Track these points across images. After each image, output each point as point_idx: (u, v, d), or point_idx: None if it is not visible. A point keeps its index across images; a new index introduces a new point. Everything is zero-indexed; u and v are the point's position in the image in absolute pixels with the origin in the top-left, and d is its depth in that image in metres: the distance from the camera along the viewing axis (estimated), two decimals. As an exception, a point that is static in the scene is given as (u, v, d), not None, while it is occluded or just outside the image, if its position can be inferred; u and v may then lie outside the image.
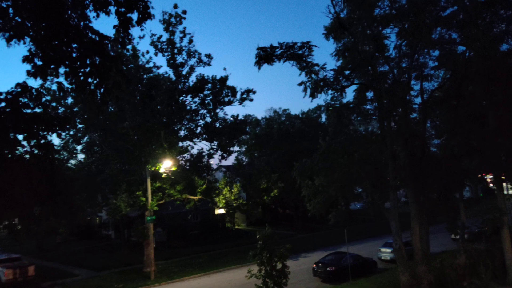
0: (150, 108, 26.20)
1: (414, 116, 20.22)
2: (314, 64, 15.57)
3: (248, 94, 29.15)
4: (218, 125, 29.58)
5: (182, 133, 29.62)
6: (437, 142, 22.46)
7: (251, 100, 29.39)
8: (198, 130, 29.74)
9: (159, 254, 29.14)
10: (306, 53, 15.14)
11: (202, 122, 29.50)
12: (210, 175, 31.40)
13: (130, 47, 25.98)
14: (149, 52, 36.46)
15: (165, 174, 25.80)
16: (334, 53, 17.72)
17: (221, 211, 43.63)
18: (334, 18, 16.44)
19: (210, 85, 28.25)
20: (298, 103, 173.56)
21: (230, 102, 29.03)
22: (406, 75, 18.27)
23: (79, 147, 30.94)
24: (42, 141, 7.35)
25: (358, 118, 21.15)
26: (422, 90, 18.75)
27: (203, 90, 28.25)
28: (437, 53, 18.31)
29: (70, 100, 26.37)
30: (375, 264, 23.76)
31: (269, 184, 31.67)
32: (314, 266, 22.55)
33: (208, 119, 29.41)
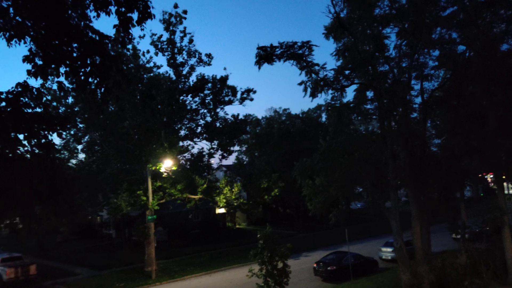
0: (151, 107, 26.24)
1: (414, 116, 20.20)
2: (314, 63, 15.57)
3: (248, 93, 29.20)
4: (218, 124, 29.63)
5: (182, 132, 29.68)
6: (437, 142, 22.43)
7: (252, 99, 29.46)
8: (199, 129, 29.82)
9: (160, 253, 29.17)
10: (306, 52, 15.15)
11: (202, 122, 29.59)
12: (210, 175, 31.43)
13: (130, 47, 26.03)
14: (149, 51, 36.32)
15: (165, 174, 25.83)
16: (334, 53, 17.73)
17: (221, 211, 43.67)
18: (334, 18, 16.45)
19: (210, 84, 28.29)
20: (299, 103, 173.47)
21: (230, 102, 29.07)
22: (406, 75, 18.24)
23: (80, 147, 31.10)
24: (43, 140, 7.37)
25: (359, 118, 21.16)
26: (422, 90, 18.72)
27: (204, 90, 28.29)
28: (437, 53, 18.28)
29: (70, 99, 26.42)
30: (376, 263, 23.77)
31: (269, 183, 31.64)
32: (315, 265, 22.56)
33: (208, 119, 29.48)
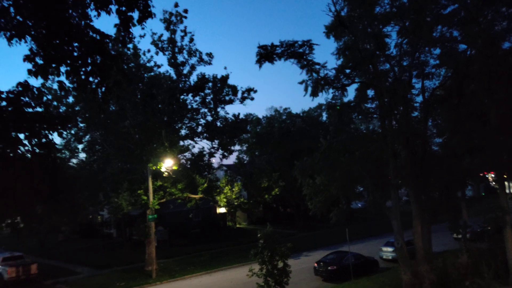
0: (151, 107, 26.24)
1: (415, 114, 20.16)
2: (315, 62, 15.56)
3: (249, 93, 29.20)
4: (219, 124, 29.63)
5: (183, 132, 29.68)
6: (438, 140, 22.36)
7: (252, 99, 29.45)
8: (199, 129, 29.84)
9: (161, 252, 29.19)
10: (307, 51, 15.14)
11: (203, 121, 29.60)
12: (211, 174, 31.43)
13: (131, 46, 26.03)
14: (150, 51, 36.45)
15: (166, 173, 25.85)
16: (335, 51, 17.72)
17: (222, 210, 43.68)
18: (334, 17, 16.43)
19: (211, 84, 28.30)
20: (299, 102, 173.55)
21: (231, 101, 29.07)
22: (407, 74, 18.20)
23: (81, 146, 31.11)
24: (44, 140, 7.35)
25: (359, 117, 21.14)
26: (423, 89, 18.69)
27: (204, 89, 28.29)
28: (438, 51, 18.18)
29: (71, 99, 26.44)
30: (377, 263, 23.74)
31: (270, 183, 31.63)
32: (316, 265, 22.56)
33: (209, 118, 29.49)
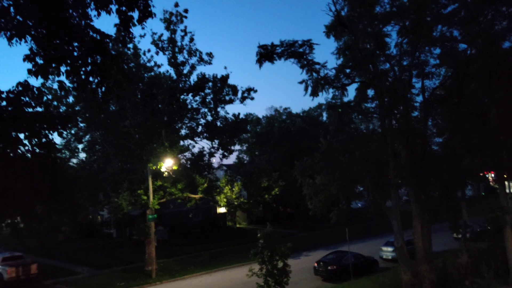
0: (151, 106, 26.24)
1: (415, 114, 20.19)
2: (315, 62, 15.55)
3: (249, 92, 29.19)
4: (219, 123, 29.62)
5: (183, 131, 29.67)
6: (438, 140, 22.40)
7: (252, 98, 29.47)
8: (199, 128, 29.83)
9: (161, 252, 29.20)
10: (307, 51, 15.13)
11: (203, 121, 29.59)
12: (211, 174, 31.43)
13: (131, 46, 26.03)
14: (150, 50, 36.48)
15: (166, 173, 25.84)
16: (335, 51, 17.73)
17: (222, 210, 43.68)
18: (334, 16, 16.43)
19: (211, 83, 28.30)
20: (299, 102, 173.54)
21: (231, 101, 29.06)
22: (407, 73, 18.20)
23: (81, 146, 31.09)
24: (44, 140, 7.35)
25: (359, 117, 21.15)
26: (423, 88, 18.69)
27: (204, 89, 28.29)
28: (438, 51, 18.21)
29: (71, 99, 26.42)
30: (377, 263, 23.75)
31: (270, 182, 31.63)
32: (315, 265, 22.56)
33: (209, 118, 29.48)
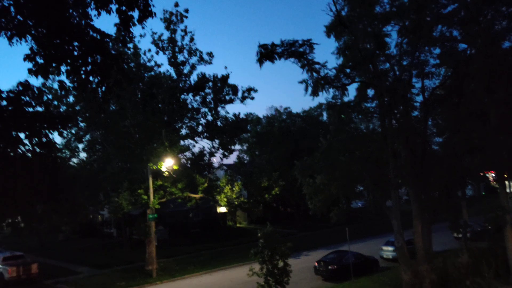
0: (151, 106, 26.25)
1: (415, 114, 20.19)
2: (315, 62, 15.52)
3: (249, 92, 29.22)
4: (219, 123, 29.63)
5: (183, 131, 29.68)
6: (438, 140, 22.39)
7: (253, 98, 29.46)
8: (200, 128, 29.86)
9: (161, 252, 29.20)
10: (307, 50, 15.09)
11: (203, 121, 29.62)
12: (211, 174, 31.45)
13: (131, 46, 26.05)
14: (150, 50, 36.55)
15: (166, 173, 25.85)
16: (335, 51, 17.71)
17: (222, 209, 43.68)
18: (334, 16, 16.42)
19: (211, 83, 28.31)
20: (300, 101, 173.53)
21: (231, 101, 29.08)
22: (407, 73, 18.20)
23: (81, 146, 31.13)
24: (44, 139, 7.38)
25: (359, 116, 21.12)
26: (423, 88, 18.69)
27: (204, 89, 28.30)
28: (438, 50, 18.20)
29: (71, 98, 26.44)
30: (377, 262, 23.75)
31: (270, 182, 31.67)
32: (316, 264, 22.58)
33: (209, 118, 29.51)
